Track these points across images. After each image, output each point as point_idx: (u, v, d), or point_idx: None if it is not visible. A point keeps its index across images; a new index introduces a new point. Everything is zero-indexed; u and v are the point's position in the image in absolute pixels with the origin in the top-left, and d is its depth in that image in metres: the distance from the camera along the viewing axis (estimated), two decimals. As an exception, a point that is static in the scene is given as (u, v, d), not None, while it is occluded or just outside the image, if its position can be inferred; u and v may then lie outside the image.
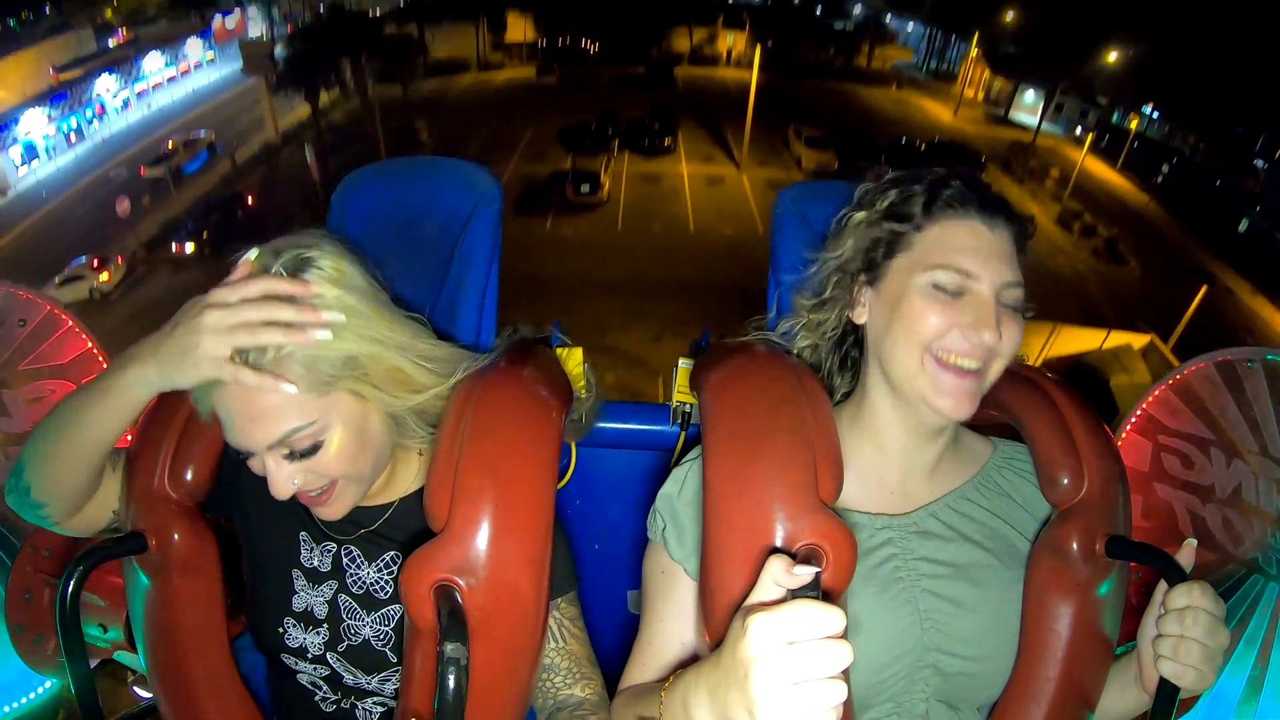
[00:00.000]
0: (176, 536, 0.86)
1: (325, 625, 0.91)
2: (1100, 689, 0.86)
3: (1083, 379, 10.72)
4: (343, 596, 0.91)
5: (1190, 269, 17.58)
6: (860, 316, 0.89)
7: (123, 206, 15.61)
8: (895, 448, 0.88)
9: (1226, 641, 0.77)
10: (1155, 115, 25.98)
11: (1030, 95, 29.26)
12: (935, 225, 0.83)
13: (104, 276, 14.50)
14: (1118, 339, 11.58)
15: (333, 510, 0.83)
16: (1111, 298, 15.99)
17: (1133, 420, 1.18)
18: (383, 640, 0.90)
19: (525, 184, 18.70)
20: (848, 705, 0.58)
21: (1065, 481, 0.85)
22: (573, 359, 1.13)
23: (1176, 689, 0.77)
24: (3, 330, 1.21)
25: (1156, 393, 1.16)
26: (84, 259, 14.82)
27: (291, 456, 0.78)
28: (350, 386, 0.78)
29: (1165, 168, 23.67)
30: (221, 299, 0.72)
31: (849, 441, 0.89)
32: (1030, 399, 0.90)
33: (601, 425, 1.21)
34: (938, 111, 29.03)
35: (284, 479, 0.78)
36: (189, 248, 15.73)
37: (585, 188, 17.88)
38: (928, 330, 0.80)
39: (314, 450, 0.78)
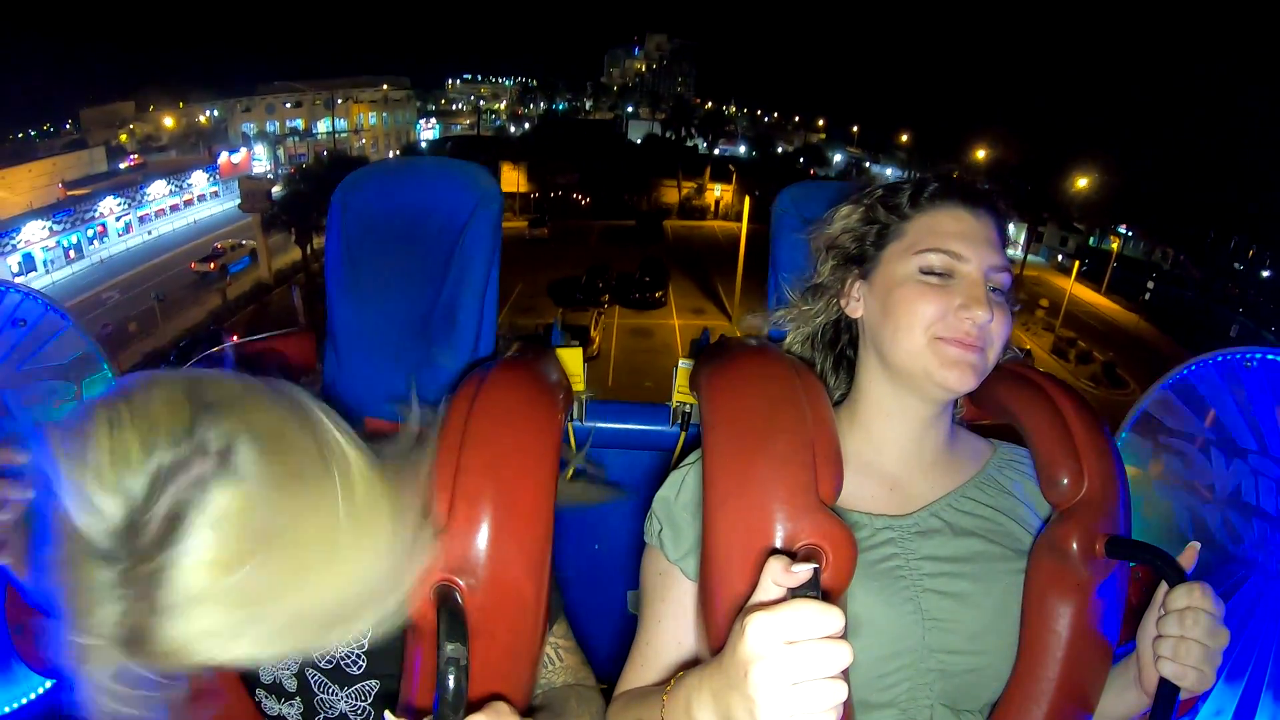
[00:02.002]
0: None
1: (298, 698, 0.88)
2: (1100, 689, 0.86)
3: None
4: (309, 670, 0.87)
5: None
6: (854, 310, 0.91)
7: (105, 331, 15.90)
8: (893, 441, 0.89)
9: (1226, 642, 0.77)
10: (1130, 234, 27.59)
11: (1010, 228, 30.76)
12: (923, 214, 0.88)
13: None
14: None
15: None
16: (1116, 421, 16.10)
17: (1133, 420, 1.18)
18: (361, 715, 0.87)
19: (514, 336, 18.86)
20: (848, 705, 0.58)
21: (1065, 481, 0.85)
22: (573, 359, 1.13)
23: (1176, 689, 0.77)
24: (3, 330, 1.21)
25: (1156, 393, 1.16)
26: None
27: None
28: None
29: (1150, 284, 25.15)
30: None
31: (847, 442, 0.89)
32: (1030, 399, 0.90)
33: (601, 425, 1.21)
34: None
35: None
36: None
37: (575, 344, 17.95)
38: (925, 314, 0.83)
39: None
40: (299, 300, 18.15)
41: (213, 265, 23.70)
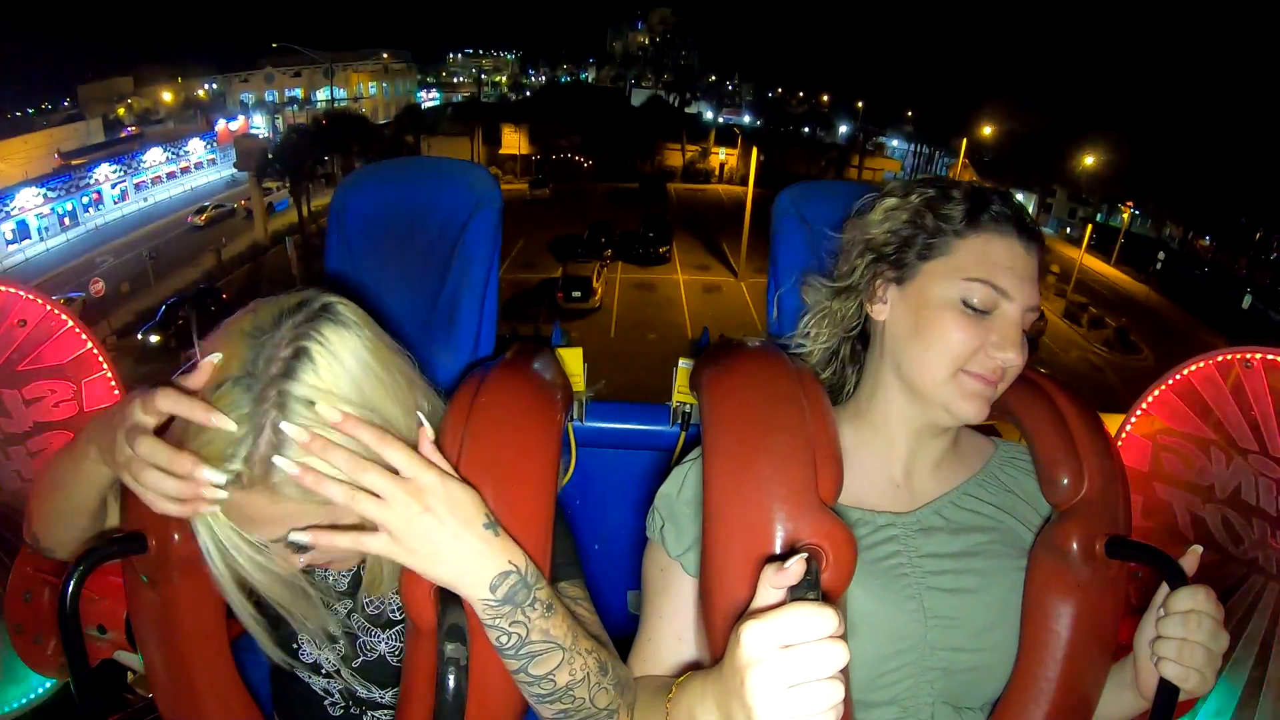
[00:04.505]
0: (176, 536, 0.85)
1: (341, 641, 0.91)
2: (1100, 689, 0.86)
3: None
4: (356, 616, 0.91)
5: (1203, 351, 17.94)
6: (880, 313, 0.88)
7: (96, 287, 15.80)
8: (901, 443, 0.89)
9: (1226, 644, 0.77)
10: (1139, 212, 27.06)
11: (1018, 199, 30.38)
12: (978, 236, 0.83)
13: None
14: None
15: (337, 568, 0.83)
16: (1130, 385, 15.96)
17: (1133, 420, 1.18)
18: (399, 656, 0.89)
19: (514, 289, 18.50)
20: (847, 703, 0.58)
21: (1065, 481, 0.85)
22: (573, 359, 1.13)
23: (1177, 690, 0.77)
24: (3, 330, 1.21)
25: (1156, 393, 1.16)
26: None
27: (295, 548, 0.73)
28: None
29: (1161, 255, 24.73)
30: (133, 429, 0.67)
31: (853, 437, 0.90)
32: (1030, 399, 0.90)
33: (601, 425, 1.21)
34: None
35: (289, 564, 0.74)
36: (154, 339, 15.12)
37: (576, 294, 17.47)
38: (959, 348, 0.81)
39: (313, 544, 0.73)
40: (293, 253, 17.63)
41: (203, 218, 24.59)
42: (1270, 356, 1.03)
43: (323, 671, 0.91)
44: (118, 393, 1.24)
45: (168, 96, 37.36)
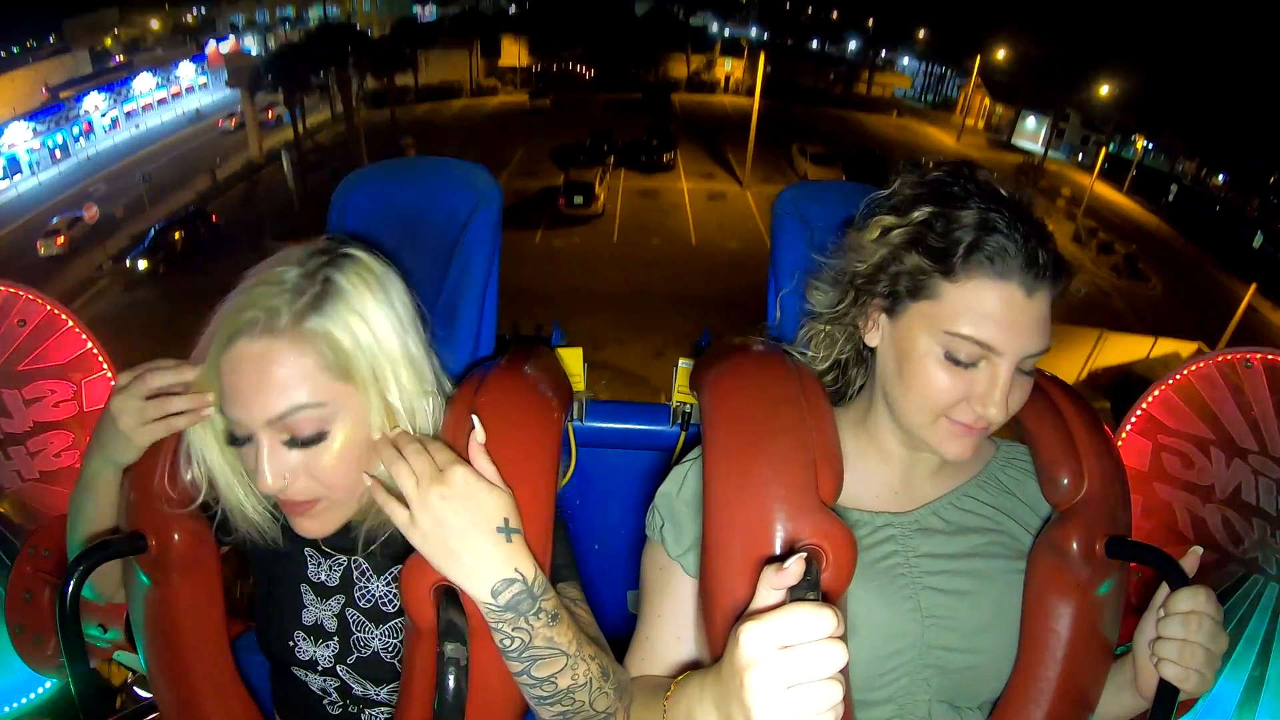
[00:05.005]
0: (176, 536, 0.85)
1: (335, 638, 0.91)
2: (1100, 690, 0.86)
3: (1134, 392, 10.37)
4: (350, 610, 0.91)
5: (1213, 285, 17.62)
6: (872, 339, 0.84)
7: (90, 213, 15.59)
8: (898, 458, 0.88)
9: (1225, 645, 0.77)
10: (1151, 146, 26.37)
11: (1031, 122, 29.66)
12: (969, 280, 0.74)
13: (59, 240, 16.34)
14: (1165, 347, 11.25)
15: (313, 525, 0.79)
16: (1137, 312, 15.83)
17: (1133, 420, 1.18)
18: (392, 653, 0.90)
19: (515, 198, 18.28)
20: (847, 702, 0.58)
21: (1065, 481, 0.85)
22: (573, 359, 1.13)
23: (1177, 691, 0.77)
24: (3, 330, 1.21)
25: (1156, 393, 1.16)
26: (56, 219, 16.59)
27: (292, 444, 0.73)
28: (367, 379, 0.75)
29: (1174, 187, 24.05)
30: (124, 384, 0.80)
31: (854, 442, 0.89)
32: (1031, 399, 0.90)
33: (601, 425, 1.21)
34: (940, 137, 29.10)
35: (276, 467, 0.73)
36: (142, 265, 14.93)
37: (578, 199, 17.20)
38: (938, 400, 0.77)
39: (317, 440, 0.73)
40: (289, 168, 17.17)
41: (233, 121, 25.56)
42: (1270, 356, 1.03)
43: (319, 668, 0.91)
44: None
45: (155, 24, 36.13)
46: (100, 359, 1.25)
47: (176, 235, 15.79)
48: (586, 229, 17.23)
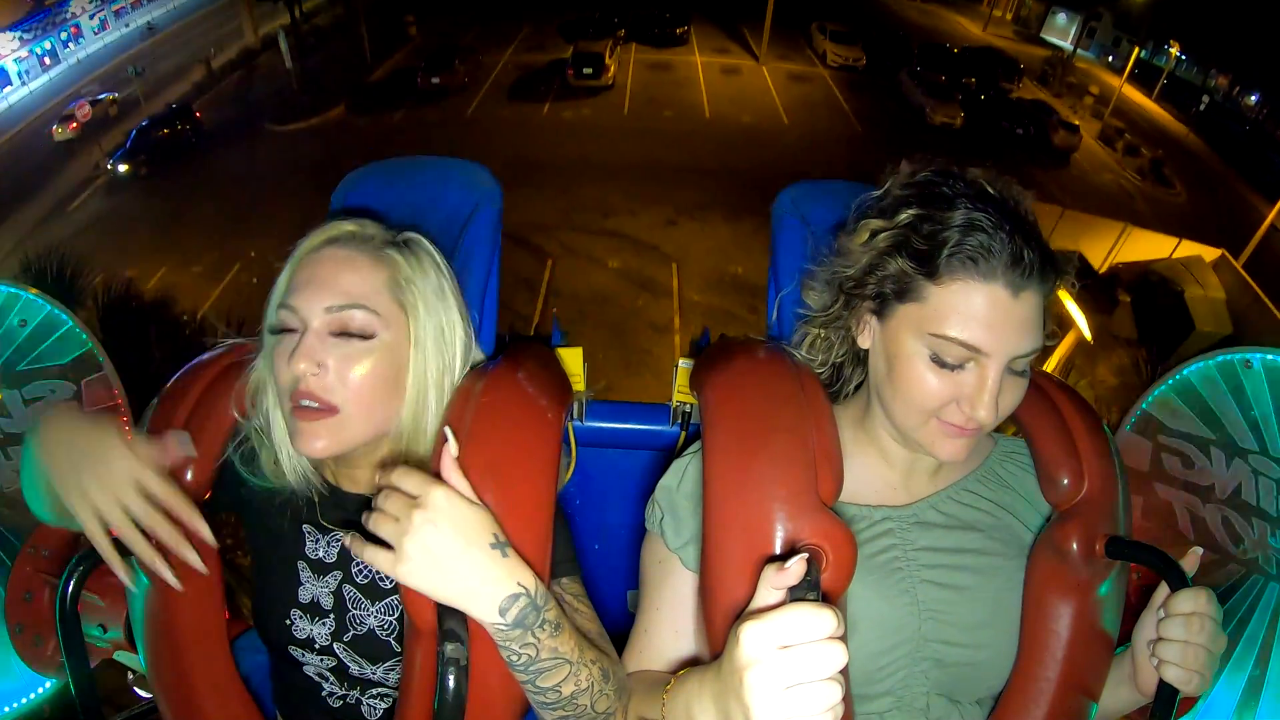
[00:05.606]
0: None
1: (331, 615, 0.91)
2: (1100, 689, 0.86)
3: (1154, 290, 10.22)
4: (347, 587, 0.91)
5: (1238, 201, 16.84)
6: (864, 342, 0.85)
7: (83, 110, 15.19)
8: (897, 456, 0.89)
9: (1224, 645, 0.78)
10: (1183, 57, 25.07)
11: (1062, 18, 28.42)
12: (954, 282, 0.73)
13: (72, 126, 15.93)
14: (1188, 249, 11.06)
15: (318, 442, 0.78)
16: (1160, 218, 15.07)
17: (1133, 420, 1.18)
18: (387, 630, 0.90)
19: (521, 72, 17.59)
20: (847, 699, 0.58)
21: (1065, 482, 0.85)
22: (573, 359, 1.13)
23: (1177, 692, 0.77)
24: (3, 330, 1.21)
25: (1156, 392, 1.16)
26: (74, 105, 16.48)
27: (339, 336, 0.79)
28: (417, 318, 0.83)
29: (1205, 99, 23.06)
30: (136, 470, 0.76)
31: (853, 439, 0.89)
32: (1030, 399, 0.90)
33: (601, 425, 1.21)
34: (967, 25, 27.78)
35: (316, 350, 0.77)
36: (123, 168, 14.02)
37: (588, 70, 16.41)
38: (926, 402, 0.77)
39: (362, 338, 0.79)
40: (288, 50, 16.41)
41: None
42: (1270, 357, 1.03)
43: (315, 647, 0.91)
44: (118, 393, 1.24)
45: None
46: (100, 359, 1.25)
47: (159, 134, 14.78)
48: (596, 101, 16.49)
